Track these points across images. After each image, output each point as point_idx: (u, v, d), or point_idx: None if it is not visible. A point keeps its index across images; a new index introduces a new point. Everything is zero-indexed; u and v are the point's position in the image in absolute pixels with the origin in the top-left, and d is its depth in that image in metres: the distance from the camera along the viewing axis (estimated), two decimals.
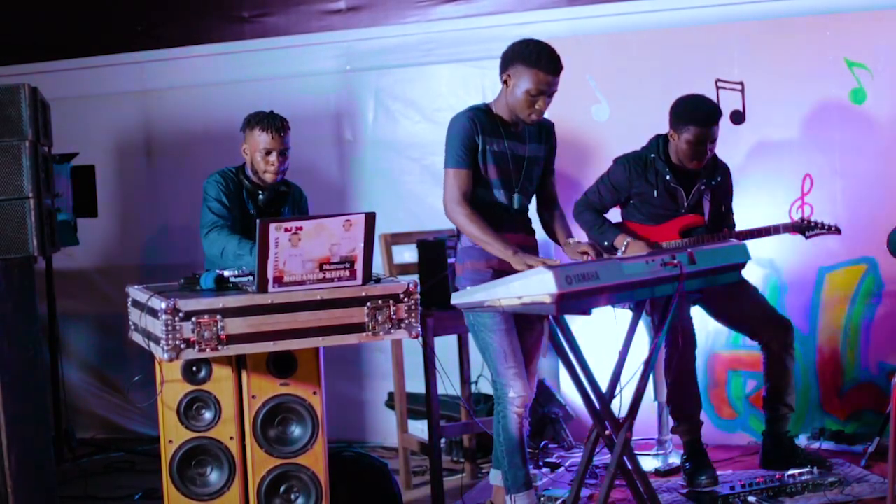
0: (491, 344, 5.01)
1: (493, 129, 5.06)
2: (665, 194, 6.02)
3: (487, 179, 5.07)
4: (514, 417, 5.02)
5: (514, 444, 5.06)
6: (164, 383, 4.70)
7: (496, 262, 5.05)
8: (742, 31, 6.68)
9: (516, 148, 5.12)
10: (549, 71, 4.94)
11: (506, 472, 5.12)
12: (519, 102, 4.99)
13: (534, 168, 5.21)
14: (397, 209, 7.24)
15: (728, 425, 6.70)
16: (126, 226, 8.05)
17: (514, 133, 5.12)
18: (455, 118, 5.08)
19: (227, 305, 4.45)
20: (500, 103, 5.10)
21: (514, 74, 4.98)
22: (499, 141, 5.06)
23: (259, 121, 5.50)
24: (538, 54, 4.95)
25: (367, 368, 7.53)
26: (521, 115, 5.02)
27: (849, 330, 6.51)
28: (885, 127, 6.39)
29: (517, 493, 5.10)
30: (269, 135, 5.46)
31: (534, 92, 4.94)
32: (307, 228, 4.51)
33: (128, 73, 7.93)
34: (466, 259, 5.14)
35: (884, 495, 5.33)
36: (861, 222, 6.41)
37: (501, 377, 5.02)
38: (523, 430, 5.07)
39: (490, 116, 5.09)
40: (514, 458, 5.08)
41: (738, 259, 5.21)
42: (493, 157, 5.04)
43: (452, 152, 5.03)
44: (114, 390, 8.07)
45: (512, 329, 5.02)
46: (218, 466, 4.79)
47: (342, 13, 7.63)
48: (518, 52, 5.00)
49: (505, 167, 5.09)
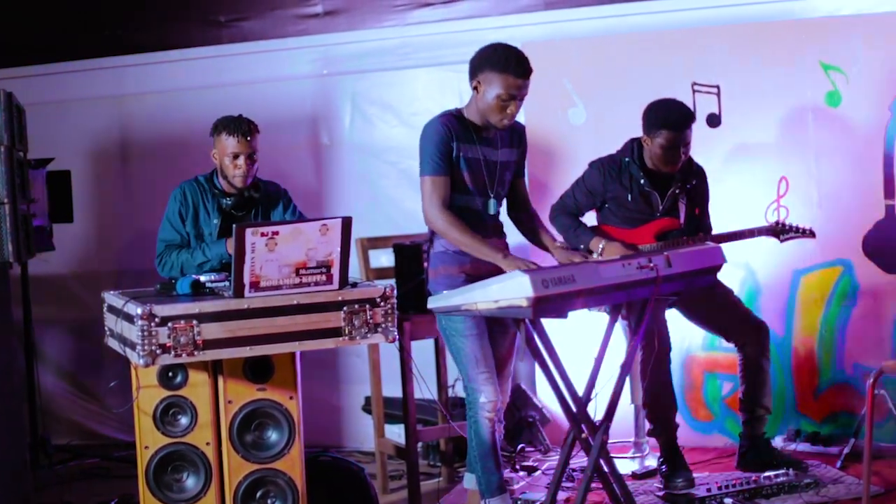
0: (462, 349, 5.01)
1: (466, 135, 5.05)
2: (640, 198, 6.04)
3: (462, 185, 5.06)
4: (485, 422, 5.01)
5: (487, 448, 5.05)
6: (140, 389, 4.70)
7: (469, 266, 5.05)
8: (718, 35, 6.69)
9: (489, 153, 5.11)
10: (518, 75, 4.92)
11: (479, 477, 5.11)
12: (490, 108, 4.98)
13: (506, 173, 5.21)
14: (374, 213, 7.24)
15: (704, 427, 6.71)
16: (102, 231, 8.03)
17: (486, 138, 5.11)
18: (428, 124, 5.07)
19: (204, 310, 4.45)
20: (471, 109, 5.08)
21: (484, 80, 4.96)
22: (472, 147, 5.05)
23: (226, 125, 5.48)
24: (507, 59, 4.93)
25: (344, 373, 7.52)
26: (493, 120, 5.01)
27: (824, 332, 6.53)
28: (860, 130, 6.42)
29: (491, 497, 5.09)
30: (236, 139, 5.44)
31: (505, 96, 4.93)
32: (283, 233, 4.51)
33: (104, 78, 7.90)
34: (439, 264, 5.13)
35: (859, 496, 5.34)
36: (836, 225, 6.43)
37: (472, 382, 5.01)
38: (496, 435, 5.06)
39: (462, 122, 5.07)
40: (487, 462, 5.07)
41: (713, 262, 5.21)
42: (466, 163, 5.03)
43: (428, 159, 5.01)
44: (90, 396, 8.05)
45: (484, 334, 5.02)
46: (194, 472, 4.79)
47: (319, 17, 7.63)
48: (487, 58, 4.97)
49: (478, 173, 5.08)
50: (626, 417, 6.37)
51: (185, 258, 5.42)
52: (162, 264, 5.48)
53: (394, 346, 5.05)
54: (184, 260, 5.42)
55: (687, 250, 5.21)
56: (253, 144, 5.48)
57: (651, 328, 5.60)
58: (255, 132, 5.50)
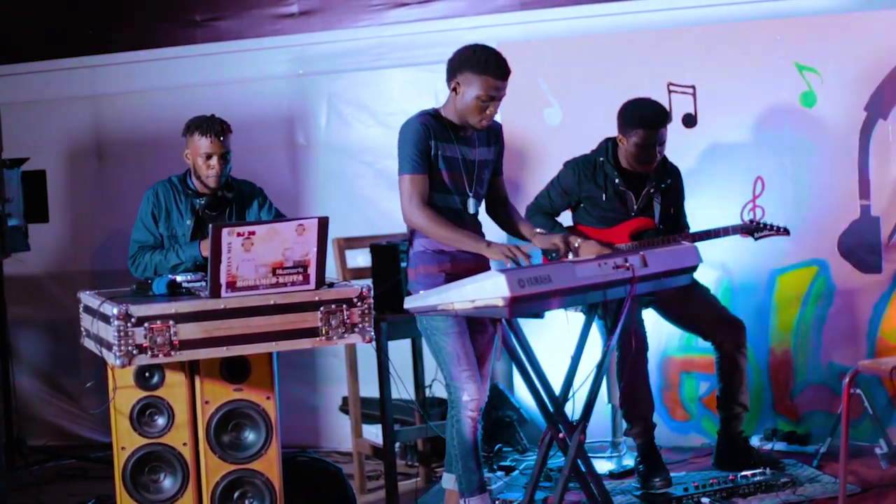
0: (444, 347, 5.00)
1: (444, 134, 5.04)
2: (614, 197, 6.05)
3: (441, 184, 5.05)
4: (467, 421, 5.01)
5: (468, 447, 5.05)
6: (117, 389, 4.69)
7: (448, 265, 5.05)
8: (694, 36, 6.71)
9: (467, 152, 5.11)
10: (498, 76, 4.92)
11: (460, 476, 5.10)
12: (469, 109, 4.97)
13: (484, 172, 5.20)
14: (350, 213, 7.23)
15: (681, 427, 6.73)
16: (78, 231, 8.00)
17: (463, 138, 5.10)
18: (407, 123, 5.06)
19: (180, 311, 4.44)
20: (449, 109, 5.07)
21: (463, 81, 4.95)
22: (450, 146, 5.05)
23: (198, 125, 5.46)
24: (486, 60, 4.93)
25: (321, 373, 7.51)
26: (472, 121, 5.01)
27: (800, 331, 6.55)
28: (834, 130, 6.44)
29: (471, 496, 5.09)
30: (209, 139, 5.41)
31: (484, 98, 4.93)
32: (260, 233, 4.50)
33: (79, 78, 7.87)
34: (419, 263, 5.12)
35: (835, 495, 5.36)
36: (812, 224, 6.46)
37: (455, 380, 5.00)
38: (477, 434, 5.06)
39: (440, 121, 5.06)
40: (469, 461, 5.07)
41: (689, 262, 5.22)
42: (444, 162, 5.03)
43: (407, 158, 4.99)
44: (66, 397, 8.02)
45: (465, 332, 5.01)
46: (171, 473, 4.78)
47: (295, 17, 7.62)
48: (466, 59, 4.97)
49: (457, 172, 5.08)
50: (604, 417, 6.39)
51: (159, 260, 5.40)
52: (135, 265, 5.46)
53: (371, 347, 5.04)
54: (157, 261, 5.40)
55: (663, 250, 5.22)
56: (226, 144, 5.46)
57: (627, 328, 5.61)
58: (227, 132, 5.48)
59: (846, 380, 4.94)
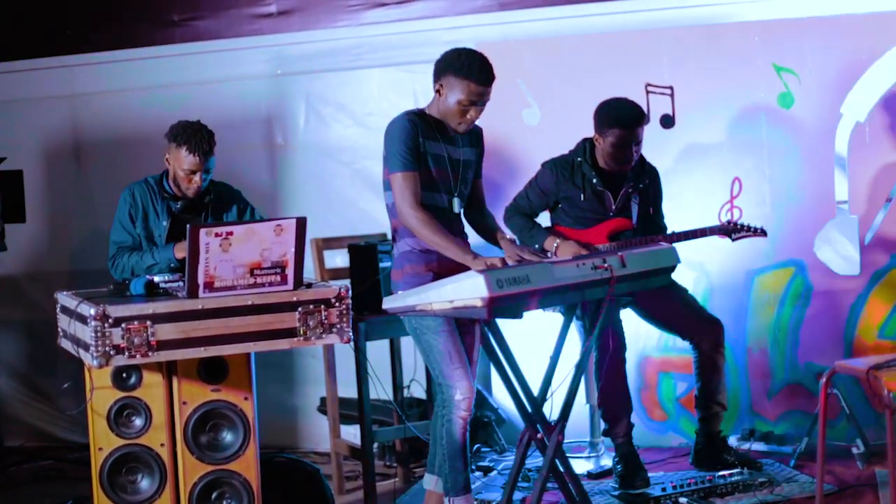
0: (435, 346, 4.97)
1: (431, 133, 5.03)
2: (592, 198, 6.05)
3: (429, 182, 5.03)
4: (459, 421, 4.99)
5: (457, 447, 5.03)
6: (94, 390, 4.68)
7: (436, 265, 5.02)
8: (672, 37, 6.72)
9: (452, 151, 5.10)
10: (480, 82, 4.92)
11: (446, 476, 5.08)
12: (451, 112, 4.98)
13: (468, 172, 5.20)
14: (329, 214, 7.22)
15: (659, 427, 6.75)
16: (55, 231, 7.97)
17: (448, 137, 5.10)
18: (394, 121, 5.03)
19: (157, 311, 4.43)
20: (433, 109, 5.07)
21: (447, 84, 4.95)
22: (437, 144, 5.04)
23: (186, 139, 5.35)
24: (470, 65, 4.92)
25: (299, 374, 7.50)
26: (452, 123, 5.01)
27: (778, 332, 6.57)
28: (812, 130, 6.46)
29: (456, 496, 5.08)
30: (195, 157, 5.34)
31: (465, 102, 4.93)
32: (238, 233, 4.50)
33: (56, 77, 7.84)
34: (405, 263, 5.09)
35: (812, 495, 5.38)
36: (789, 225, 6.48)
37: (448, 379, 4.97)
38: (466, 434, 5.05)
39: (426, 120, 5.06)
40: (456, 461, 5.06)
41: (668, 262, 5.23)
42: (433, 159, 5.01)
43: (397, 155, 4.96)
44: (43, 397, 7.98)
45: (454, 330, 4.98)
46: (149, 473, 4.77)
47: (273, 17, 7.60)
48: (450, 63, 4.97)
49: (444, 170, 5.07)
50: (582, 417, 6.40)
51: (136, 261, 5.38)
52: (114, 266, 5.45)
53: (349, 347, 5.04)
54: (133, 263, 5.38)
55: (641, 250, 5.22)
56: (210, 162, 5.41)
57: (606, 328, 5.63)
58: (213, 146, 5.43)
59: (823, 380, 4.96)
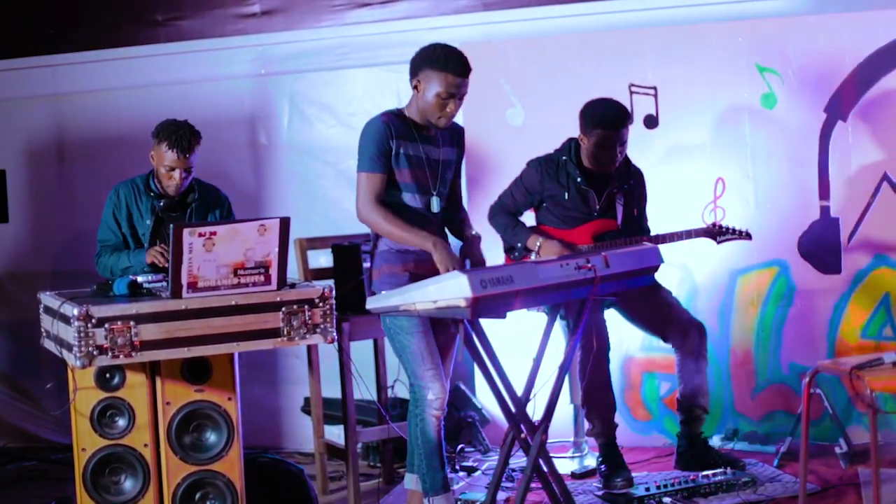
0: (408, 346, 5.00)
1: (408, 133, 5.06)
2: (577, 196, 6.06)
3: (403, 183, 5.06)
4: (432, 420, 5.03)
5: (432, 446, 5.06)
6: (77, 390, 4.67)
7: (412, 265, 5.05)
8: (655, 37, 6.73)
9: (431, 151, 5.12)
10: (457, 73, 4.94)
11: (423, 475, 5.11)
12: (430, 106, 4.99)
13: (448, 171, 5.22)
14: (312, 214, 7.21)
15: (643, 427, 6.75)
16: (38, 231, 7.95)
17: (427, 137, 5.12)
18: (369, 122, 5.08)
19: (141, 311, 4.42)
20: (412, 108, 5.09)
21: (424, 79, 4.98)
22: (414, 145, 5.06)
23: (167, 136, 5.43)
24: (446, 57, 4.96)
25: (283, 374, 7.49)
26: (432, 118, 5.02)
27: (761, 332, 6.58)
28: (795, 131, 6.47)
29: (435, 495, 5.10)
30: (175, 154, 5.41)
31: (444, 95, 4.94)
32: (221, 233, 4.50)
33: (39, 77, 7.82)
34: (383, 263, 5.12)
35: (796, 494, 5.39)
36: (772, 225, 6.49)
37: (420, 379, 5.02)
38: (441, 433, 5.07)
39: (404, 120, 5.08)
40: (433, 460, 5.08)
41: (651, 263, 5.24)
42: (408, 160, 5.04)
43: (366, 156, 5.01)
44: (26, 398, 7.96)
45: (429, 331, 5.02)
46: (132, 474, 4.76)
47: (257, 17, 7.60)
48: (426, 57, 5.00)
49: (421, 171, 5.09)
50: (566, 417, 6.40)
51: (114, 261, 5.41)
52: (98, 265, 5.49)
53: (333, 347, 5.04)
54: (112, 263, 5.41)
55: (625, 251, 5.23)
56: (191, 160, 5.46)
57: (589, 328, 5.63)
58: (196, 145, 5.46)
59: (806, 380, 4.96)
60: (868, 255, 6.42)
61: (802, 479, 5.09)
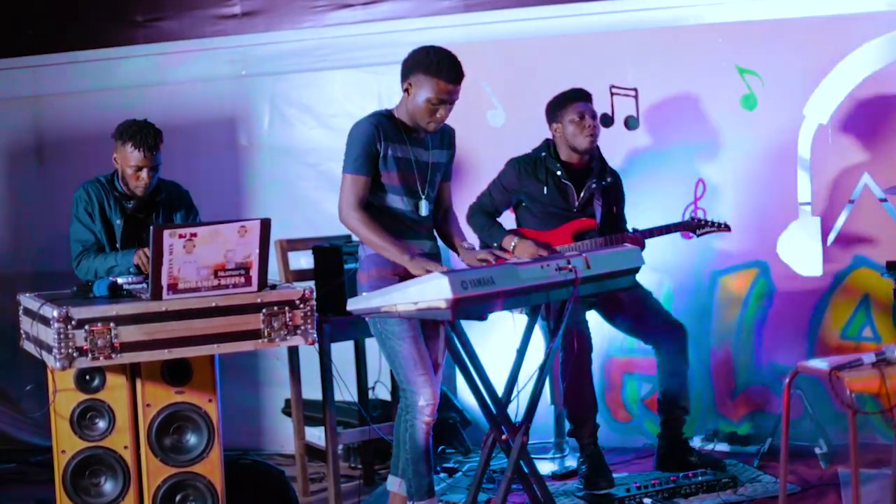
0: (399, 351, 4.96)
1: (397, 135, 5.02)
2: (555, 191, 6.07)
3: (391, 186, 5.03)
4: (422, 426, 4.99)
5: (420, 452, 5.03)
6: (57, 392, 4.66)
7: (402, 269, 4.96)
8: (636, 39, 6.74)
9: (420, 154, 5.08)
10: (450, 80, 4.90)
11: (409, 480, 5.08)
12: (420, 111, 4.95)
13: (437, 174, 5.18)
14: (293, 215, 7.19)
15: (624, 428, 6.76)
16: (17, 233, 7.92)
17: (417, 139, 5.08)
18: (357, 124, 5.03)
19: (121, 313, 4.41)
20: (402, 110, 5.05)
21: (415, 83, 4.93)
22: (402, 147, 5.02)
23: (131, 136, 5.33)
24: (439, 63, 4.91)
25: (264, 375, 7.48)
26: (421, 122, 4.98)
27: (741, 332, 6.60)
28: (775, 132, 6.49)
29: (420, 500, 5.07)
30: (141, 153, 5.30)
31: (435, 101, 4.90)
32: (202, 235, 4.49)
33: (19, 78, 7.80)
34: (371, 266, 5.06)
35: (776, 495, 5.39)
36: (752, 226, 6.50)
37: (412, 384, 4.97)
38: (430, 439, 5.04)
39: (393, 122, 5.04)
40: (420, 466, 5.06)
41: (632, 264, 5.24)
42: (396, 163, 5.00)
43: (352, 158, 4.97)
44: (5, 400, 7.93)
45: (419, 336, 4.98)
46: (112, 476, 4.75)
47: (237, 18, 7.59)
48: (419, 61, 4.95)
49: (409, 173, 5.05)
50: (547, 418, 6.41)
51: (100, 263, 5.34)
52: (79, 267, 5.40)
53: (313, 349, 5.03)
54: (97, 265, 5.35)
55: (605, 252, 5.24)
56: (157, 157, 5.36)
57: (571, 329, 5.63)
58: (159, 143, 5.36)
59: (786, 380, 4.97)
60: (848, 255, 6.44)
61: (783, 479, 5.10)
